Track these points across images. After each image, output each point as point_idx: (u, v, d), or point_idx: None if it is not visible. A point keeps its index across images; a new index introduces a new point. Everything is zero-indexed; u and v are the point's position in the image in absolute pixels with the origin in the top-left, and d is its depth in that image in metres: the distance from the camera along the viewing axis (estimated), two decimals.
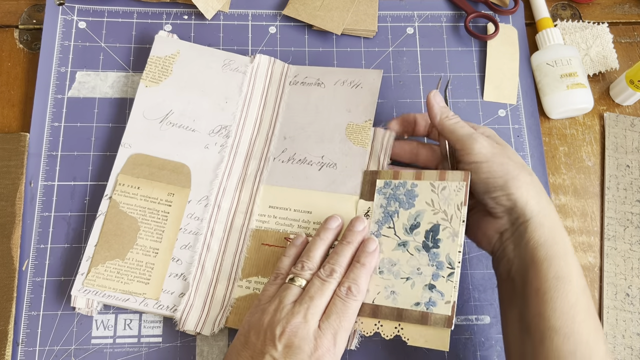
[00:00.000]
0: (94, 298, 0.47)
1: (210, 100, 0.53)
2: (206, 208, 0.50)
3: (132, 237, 0.48)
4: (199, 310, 0.48)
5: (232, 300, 0.48)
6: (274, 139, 0.53)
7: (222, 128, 0.52)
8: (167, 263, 0.48)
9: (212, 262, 0.49)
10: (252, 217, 0.51)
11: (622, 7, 0.64)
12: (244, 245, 0.50)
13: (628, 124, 0.58)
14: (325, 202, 0.50)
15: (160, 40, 0.54)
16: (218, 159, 0.52)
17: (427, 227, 0.45)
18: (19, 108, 0.55)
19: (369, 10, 0.60)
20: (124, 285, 0.47)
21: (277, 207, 0.51)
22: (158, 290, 0.48)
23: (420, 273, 0.44)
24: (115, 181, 0.50)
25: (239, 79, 0.54)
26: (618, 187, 0.56)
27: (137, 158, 0.51)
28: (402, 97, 0.58)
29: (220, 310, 0.48)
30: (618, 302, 0.52)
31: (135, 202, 0.49)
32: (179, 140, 0.52)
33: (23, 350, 0.47)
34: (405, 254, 0.45)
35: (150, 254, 0.48)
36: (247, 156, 0.52)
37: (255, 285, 0.49)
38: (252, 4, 0.60)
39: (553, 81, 0.57)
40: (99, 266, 0.47)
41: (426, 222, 0.46)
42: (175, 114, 0.52)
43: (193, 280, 0.48)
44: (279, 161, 0.52)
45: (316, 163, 0.51)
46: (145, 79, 0.53)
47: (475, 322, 0.51)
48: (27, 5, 0.59)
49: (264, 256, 0.49)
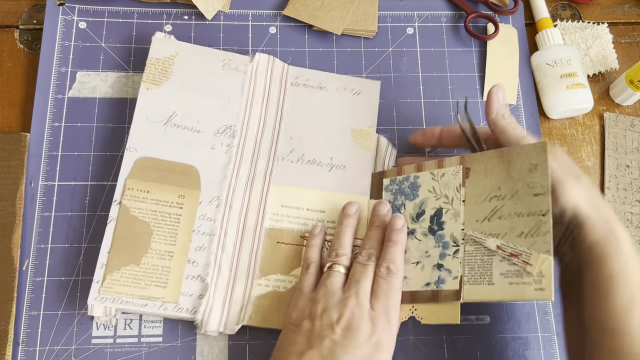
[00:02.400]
0: (111, 305, 0.46)
1: (213, 100, 0.53)
2: (218, 209, 0.50)
3: (146, 241, 0.48)
4: (219, 310, 0.48)
5: (252, 299, 0.48)
6: (280, 139, 0.53)
7: (227, 128, 0.52)
8: (183, 265, 0.48)
9: (228, 262, 0.49)
10: (265, 216, 0.51)
11: (622, 7, 0.64)
12: (259, 244, 0.50)
13: (628, 124, 0.59)
14: (337, 201, 0.51)
15: (158, 42, 0.54)
16: (226, 159, 0.52)
17: (432, 213, 0.48)
18: (20, 108, 0.55)
19: (369, 11, 0.60)
20: (141, 291, 0.47)
21: (290, 206, 0.51)
22: (176, 294, 0.47)
23: (429, 256, 0.47)
24: (124, 186, 0.49)
25: (240, 78, 0.54)
26: (618, 187, 0.56)
27: (144, 162, 0.50)
28: (402, 97, 0.58)
29: (241, 309, 0.48)
30: None
31: (146, 206, 0.49)
32: (184, 141, 0.52)
33: (23, 350, 0.47)
34: (414, 240, 0.49)
35: (165, 258, 0.48)
36: (254, 155, 0.52)
37: (274, 283, 0.49)
38: (252, 4, 0.60)
39: (553, 81, 0.57)
40: (114, 273, 0.47)
41: (430, 207, 0.49)
42: (179, 116, 0.52)
43: (211, 281, 0.48)
44: (288, 161, 0.53)
45: (325, 164, 0.53)
46: (146, 81, 0.52)
47: (475, 322, 0.51)
48: (28, 6, 0.59)
49: (281, 254, 0.50)
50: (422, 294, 0.46)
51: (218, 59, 0.55)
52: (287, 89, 0.55)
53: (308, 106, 0.54)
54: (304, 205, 0.51)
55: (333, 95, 0.55)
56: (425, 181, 0.50)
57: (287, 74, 0.56)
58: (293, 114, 0.54)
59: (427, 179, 0.50)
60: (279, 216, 0.51)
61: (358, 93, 0.55)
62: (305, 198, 0.52)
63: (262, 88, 0.55)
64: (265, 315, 0.48)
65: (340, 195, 0.52)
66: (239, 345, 0.49)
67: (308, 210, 0.51)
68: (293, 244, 0.50)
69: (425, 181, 0.50)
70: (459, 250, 0.46)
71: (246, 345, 0.49)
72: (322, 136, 0.54)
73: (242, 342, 0.49)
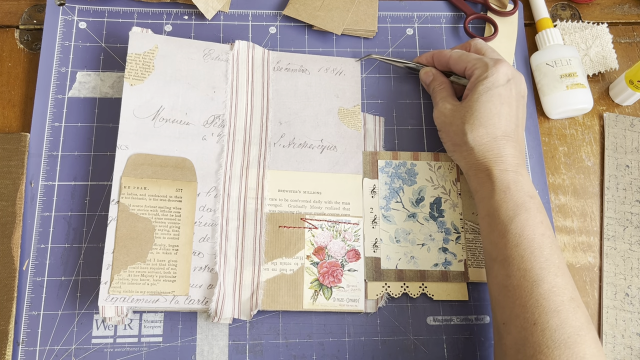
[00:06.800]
0: (122, 305, 0.46)
1: (198, 91, 0.53)
2: (216, 198, 0.51)
3: (149, 237, 0.48)
4: (230, 298, 0.48)
5: (262, 284, 0.49)
6: (269, 125, 0.54)
7: (216, 118, 0.53)
8: (189, 258, 0.49)
9: (233, 250, 0.50)
10: (264, 202, 0.52)
11: (622, 7, 0.64)
12: (262, 230, 0.51)
13: (627, 124, 0.59)
14: (332, 182, 0.53)
15: (136, 37, 0.54)
16: (218, 149, 0.52)
17: (431, 200, 0.53)
18: (20, 108, 0.55)
19: (369, 11, 0.60)
20: (150, 287, 0.47)
21: (287, 190, 0.52)
22: (186, 286, 0.48)
23: (433, 239, 0.52)
24: (120, 184, 0.49)
25: (222, 67, 0.54)
26: (617, 187, 0.56)
27: (137, 158, 0.50)
28: (401, 98, 0.58)
29: (252, 295, 0.49)
30: (618, 302, 0.52)
31: (144, 202, 0.49)
32: (175, 135, 0.52)
33: (23, 350, 0.47)
34: (416, 224, 0.52)
35: (170, 252, 0.48)
36: (246, 143, 0.53)
37: (281, 267, 0.50)
38: (252, 4, 0.60)
39: (552, 81, 0.57)
40: (121, 272, 0.47)
41: (429, 195, 0.53)
42: (166, 110, 0.52)
43: (220, 270, 0.48)
44: (280, 146, 0.53)
45: (317, 146, 0.54)
46: (129, 77, 0.52)
47: (475, 322, 0.51)
48: (28, 6, 0.59)
49: (284, 238, 0.51)
50: (432, 273, 0.51)
51: (198, 49, 0.55)
52: (270, 74, 0.56)
53: (293, 90, 0.56)
54: (300, 188, 0.53)
55: (316, 77, 0.56)
56: (422, 170, 0.54)
57: (269, 59, 0.56)
58: (279, 99, 0.55)
59: (425, 168, 0.54)
60: (277, 201, 0.52)
61: (340, 73, 0.57)
62: (301, 181, 0.53)
63: (245, 75, 0.55)
64: (276, 299, 0.49)
65: (334, 175, 0.53)
66: (239, 345, 0.49)
67: (305, 193, 0.52)
68: (295, 227, 0.51)
69: (422, 170, 0.54)
70: (460, 237, 0.52)
71: (246, 345, 0.49)
72: (311, 118, 0.55)
73: (242, 342, 0.49)
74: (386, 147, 0.56)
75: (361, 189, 0.53)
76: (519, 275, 0.43)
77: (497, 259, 0.45)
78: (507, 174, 0.46)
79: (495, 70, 0.48)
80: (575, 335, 0.40)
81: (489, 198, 0.46)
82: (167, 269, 0.48)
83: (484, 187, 0.47)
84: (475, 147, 0.48)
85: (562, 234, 0.55)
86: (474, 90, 0.49)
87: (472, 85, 0.50)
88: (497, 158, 0.47)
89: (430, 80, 0.55)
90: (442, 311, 0.51)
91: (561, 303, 0.41)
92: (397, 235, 0.52)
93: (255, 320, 0.50)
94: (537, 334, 0.40)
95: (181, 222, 0.49)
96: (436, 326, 0.51)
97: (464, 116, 0.49)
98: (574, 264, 0.54)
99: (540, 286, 0.42)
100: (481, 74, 0.49)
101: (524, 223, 0.44)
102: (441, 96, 0.53)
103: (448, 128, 0.51)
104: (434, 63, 0.56)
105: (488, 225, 0.46)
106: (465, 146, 0.49)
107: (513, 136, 0.48)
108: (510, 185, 0.46)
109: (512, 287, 0.43)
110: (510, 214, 0.45)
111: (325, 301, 0.50)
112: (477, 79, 0.49)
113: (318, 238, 0.51)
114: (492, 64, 0.49)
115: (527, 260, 0.43)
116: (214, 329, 0.49)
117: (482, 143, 0.48)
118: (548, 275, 0.42)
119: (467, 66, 0.51)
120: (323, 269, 0.50)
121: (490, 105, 0.48)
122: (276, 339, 0.49)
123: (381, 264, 0.51)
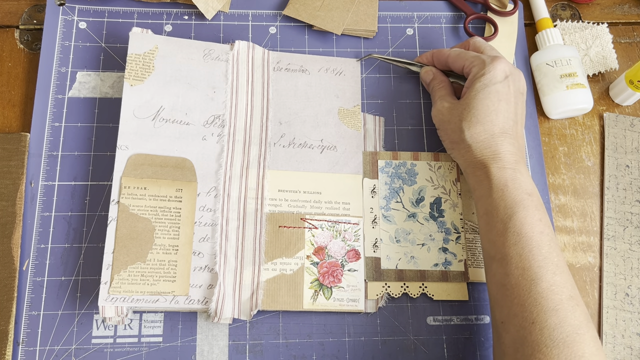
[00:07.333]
0: (122, 305, 0.47)
1: (198, 91, 0.53)
2: (216, 198, 0.51)
3: (149, 237, 0.48)
4: (230, 298, 0.48)
5: (262, 284, 0.49)
6: (269, 125, 0.54)
7: (216, 118, 0.53)
8: (189, 258, 0.49)
9: (233, 250, 0.50)
10: (264, 202, 0.52)
11: (622, 7, 0.64)
12: (262, 230, 0.51)
13: (628, 124, 0.59)
14: (332, 182, 0.53)
15: (136, 37, 0.54)
16: (218, 149, 0.52)
17: (431, 200, 0.53)
18: (20, 108, 0.55)
19: (369, 11, 0.60)
20: (150, 287, 0.47)
21: (287, 190, 0.52)
22: (186, 286, 0.48)
23: (433, 239, 0.52)
24: (120, 185, 0.49)
25: (222, 67, 0.54)
26: (617, 187, 0.56)
27: (137, 158, 0.50)
28: (401, 98, 0.58)
29: (252, 295, 0.49)
30: (618, 302, 0.52)
31: (144, 202, 0.49)
32: (175, 135, 0.52)
33: (23, 350, 0.47)
34: (416, 224, 0.52)
35: (170, 252, 0.48)
36: (246, 143, 0.53)
37: (281, 267, 0.50)
38: (252, 4, 0.60)
39: (553, 81, 0.57)
40: (121, 272, 0.47)
41: (429, 195, 0.53)
42: (166, 110, 0.52)
43: (220, 270, 0.48)
44: (279, 146, 0.54)
45: (317, 146, 0.54)
46: (129, 77, 0.52)
47: (475, 322, 0.51)
48: (28, 6, 0.59)
49: (284, 238, 0.51)
50: (432, 273, 0.51)
51: (198, 49, 0.55)
52: (270, 74, 0.56)
53: (293, 90, 0.56)
54: (300, 188, 0.53)
55: (316, 77, 0.56)
56: (422, 170, 0.54)
57: (269, 59, 0.56)
58: (279, 99, 0.55)
59: (425, 169, 0.54)
60: (277, 201, 0.52)
61: (340, 73, 0.57)
62: (301, 181, 0.53)
63: (245, 75, 0.55)
64: (276, 299, 0.49)
65: (334, 175, 0.53)
66: (239, 345, 0.49)
67: (305, 193, 0.52)
68: (295, 227, 0.51)
69: (422, 170, 0.54)
70: (460, 237, 0.52)
71: (246, 345, 0.49)
72: (311, 119, 0.55)
73: (242, 342, 0.49)
74: (386, 147, 0.56)
75: (361, 189, 0.53)
76: (517, 274, 0.43)
77: (495, 257, 0.45)
78: (505, 171, 0.46)
79: (493, 67, 0.48)
80: (574, 333, 0.40)
81: (486, 196, 0.46)
82: (167, 269, 0.48)
83: (482, 185, 0.47)
84: (473, 144, 0.48)
85: (562, 234, 0.55)
86: (471, 88, 0.49)
87: (470, 82, 0.50)
88: (495, 155, 0.47)
89: (430, 79, 0.55)
90: (442, 311, 0.51)
91: (560, 301, 0.41)
92: (397, 235, 0.52)
93: (255, 320, 0.50)
94: (536, 333, 0.40)
95: (181, 222, 0.49)
96: (436, 326, 0.51)
97: (461, 113, 0.49)
98: (574, 264, 0.54)
99: (538, 284, 0.42)
100: (478, 71, 0.49)
101: (521, 221, 0.44)
102: (440, 94, 0.53)
103: (446, 126, 0.51)
104: (433, 62, 0.56)
105: (486, 224, 0.46)
106: (462, 144, 0.49)
107: (511, 133, 0.48)
108: (508, 183, 0.46)
109: (511, 286, 0.43)
110: (508, 212, 0.45)
111: (325, 301, 0.50)
112: (475, 76, 0.49)
113: (318, 238, 0.51)
114: (490, 61, 0.49)
115: (525, 258, 0.43)
116: (214, 329, 0.49)
117: (480, 140, 0.47)
118: (546, 274, 0.42)
119: (465, 64, 0.51)
120: (323, 269, 0.50)
121: (488, 102, 0.48)
122: (276, 339, 0.50)
123: (381, 264, 0.51)
